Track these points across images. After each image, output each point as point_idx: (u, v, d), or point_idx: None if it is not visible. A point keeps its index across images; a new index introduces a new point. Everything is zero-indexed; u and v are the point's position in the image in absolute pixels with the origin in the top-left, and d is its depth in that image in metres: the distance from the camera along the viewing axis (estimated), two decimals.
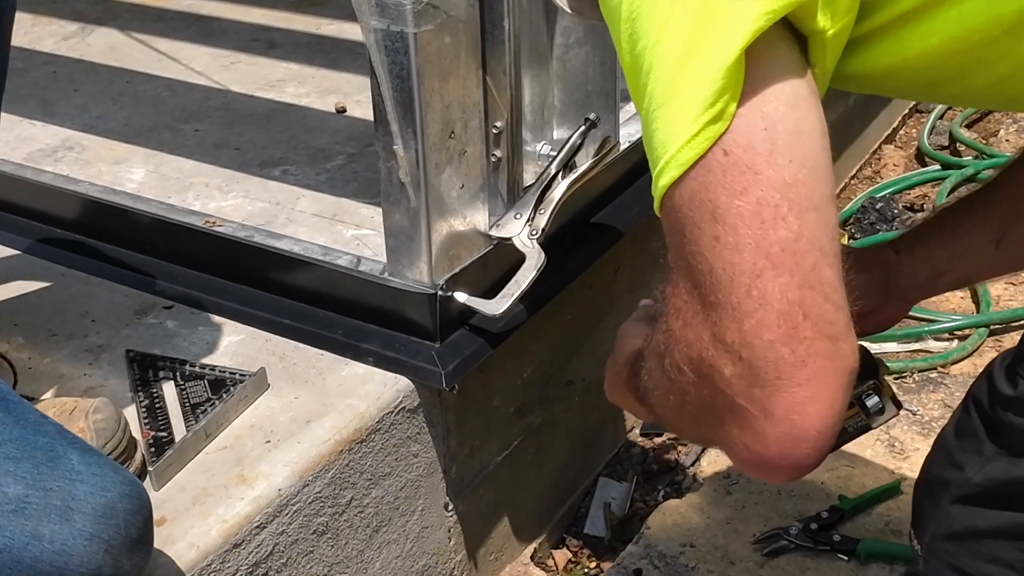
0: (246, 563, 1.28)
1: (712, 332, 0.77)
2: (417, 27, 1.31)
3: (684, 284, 0.80)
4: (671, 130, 0.77)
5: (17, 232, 1.82)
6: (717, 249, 0.76)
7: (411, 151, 1.38)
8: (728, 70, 0.75)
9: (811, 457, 0.78)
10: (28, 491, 0.97)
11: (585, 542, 1.88)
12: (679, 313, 0.81)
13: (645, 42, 0.79)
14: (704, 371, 0.79)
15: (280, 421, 1.41)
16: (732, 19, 0.75)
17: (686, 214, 0.78)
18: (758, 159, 0.75)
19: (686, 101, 0.76)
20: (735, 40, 0.74)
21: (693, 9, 0.77)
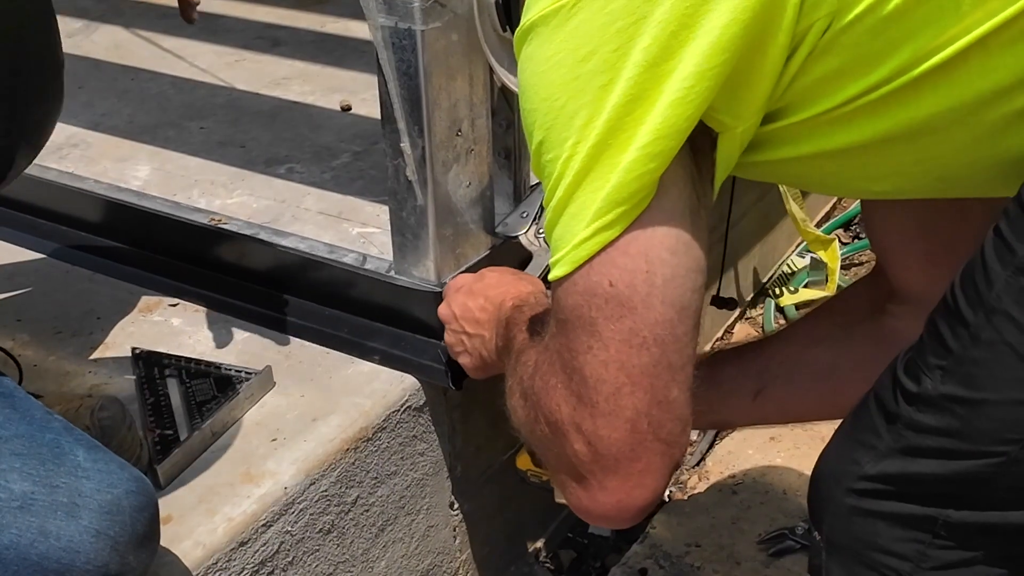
0: (252, 561, 1.28)
1: (570, 413, 0.92)
2: (425, 24, 1.30)
3: (556, 362, 0.93)
4: (569, 229, 0.87)
5: (22, 229, 1.82)
6: (588, 356, 0.89)
7: (418, 149, 1.37)
8: (625, 185, 0.84)
9: (628, 522, 0.95)
10: (34, 488, 0.96)
11: (590, 541, 1.88)
12: (545, 379, 0.95)
13: (556, 152, 0.87)
14: (557, 436, 0.94)
15: (286, 419, 1.40)
16: (632, 142, 0.84)
17: (568, 315, 0.90)
18: (636, 298, 0.87)
19: (586, 209, 0.86)
20: (634, 161, 0.84)
21: (605, 131, 0.85)
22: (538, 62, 0.88)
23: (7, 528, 0.95)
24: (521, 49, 0.90)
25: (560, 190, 0.88)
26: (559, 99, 0.86)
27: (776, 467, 1.85)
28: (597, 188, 0.86)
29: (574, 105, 0.86)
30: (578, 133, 0.86)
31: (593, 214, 0.86)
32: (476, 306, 1.30)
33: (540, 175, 0.91)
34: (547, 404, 0.94)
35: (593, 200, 0.86)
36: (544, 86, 0.87)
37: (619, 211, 0.86)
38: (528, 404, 0.99)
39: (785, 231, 2.47)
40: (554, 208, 0.89)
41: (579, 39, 0.85)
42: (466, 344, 1.34)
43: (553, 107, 0.87)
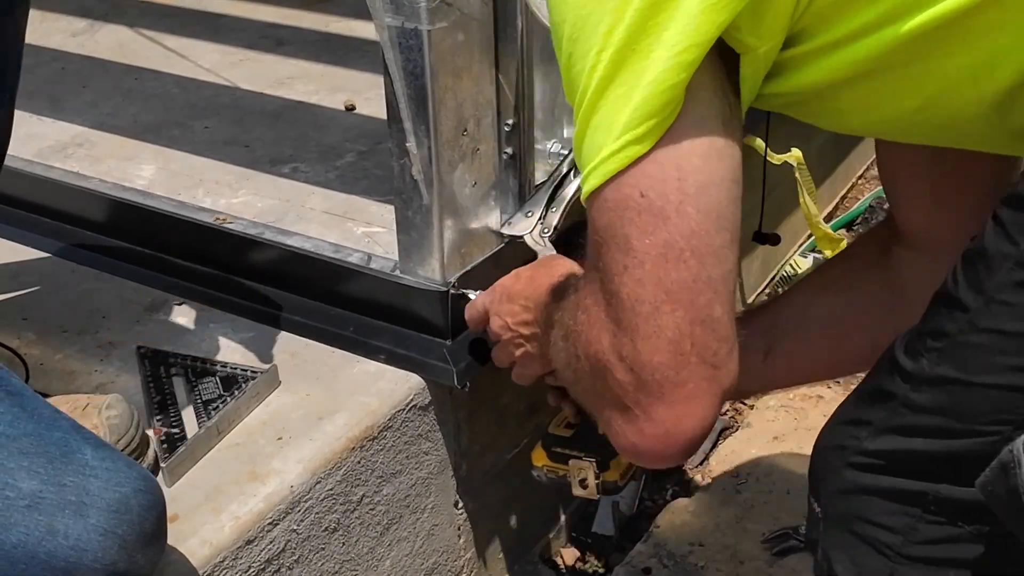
0: (258, 560, 1.28)
1: (611, 341, 0.89)
2: (431, 24, 1.31)
3: (597, 289, 0.90)
4: (596, 141, 0.86)
5: (27, 229, 1.82)
6: (624, 277, 0.87)
7: (424, 148, 1.38)
8: (656, 96, 0.83)
9: (679, 456, 0.92)
10: (42, 486, 0.97)
11: (594, 541, 1.88)
12: (587, 310, 0.92)
13: (582, 64, 0.86)
14: (599, 368, 0.91)
15: (292, 418, 1.41)
16: (661, 51, 0.82)
17: (602, 234, 0.88)
18: (668, 207, 0.85)
19: (614, 119, 0.84)
20: (663, 72, 0.82)
21: (627, 37, 0.83)
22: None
23: (15, 526, 0.95)
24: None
25: (586, 101, 0.86)
26: (584, 8, 0.85)
27: (779, 466, 1.85)
28: (622, 97, 0.84)
29: (598, 13, 0.84)
30: (602, 40, 0.84)
31: (623, 126, 0.84)
32: (521, 308, 1.27)
33: (571, 92, 0.89)
34: (587, 337, 0.91)
35: (620, 111, 0.84)
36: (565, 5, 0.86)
37: (650, 124, 0.83)
38: (569, 344, 0.96)
39: (789, 232, 2.48)
40: (581, 120, 0.87)
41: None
42: (528, 347, 1.28)
43: (579, 16, 0.85)
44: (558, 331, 1.03)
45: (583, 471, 1.34)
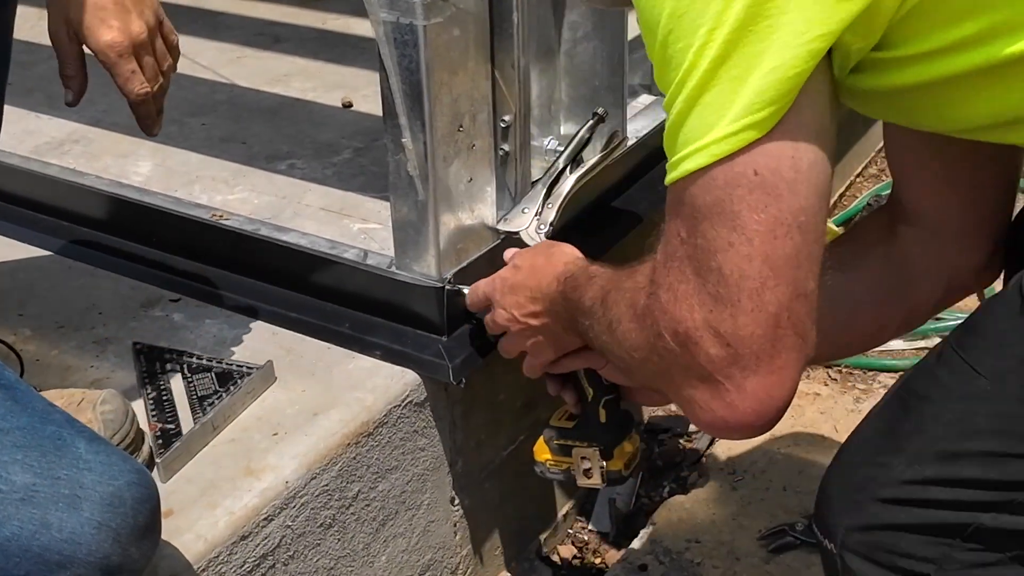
0: (253, 555, 1.28)
1: (706, 317, 0.89)
2: (427, 20, 1.31)
3: (686, 267, 0.90)
4: (706, 120, 0.85)
5: (24, 225, 1.82)
6: (729, 253, 0.86)
7: (419, 144, 1.38)
8: (782, 83, 0.83)
9: (767, 426, 0.93)
10: (36, 479, 0.97)
11: (590, 538, 1.88)
12: (672, 288, 0.91)
13: (688, 41, 0.84)
14: (688, 344, 0.90)
15: (287, 414, 1.41)
16: (786, 36, 0.82)
17: (704, 212, 0.87)
18: (782, 184, 0.85)
19: (727, 99, 0.84)
20: (793, 59, 0.82)
21: (744, 18, 0.82)
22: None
23: (9, 520, 0.95)
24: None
25: (693, 79, 0.84)
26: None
27: (776, 463, 1.85)
28: (737, 79, 0.83)
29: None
30: (713, 20, 0.83)
31: (742, 109, 0.83)
32: (527, 299, 1.27)
33: (665, 69, 0.87)
34: (675, 314, 0.90)
35: (736, 93, 0.83)
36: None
37: (772, 109, 0.83)
38: (645, 324, 0.95)
39: None
40: (686, 99, 0.85)
41: None
42: (539, 338, 1.29)
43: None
44: (619, 315, 1.02)
45: (588, 460, 1.34)
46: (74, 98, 1.22)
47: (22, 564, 0.94)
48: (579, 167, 1.55)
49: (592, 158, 1.57)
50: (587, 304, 1.12)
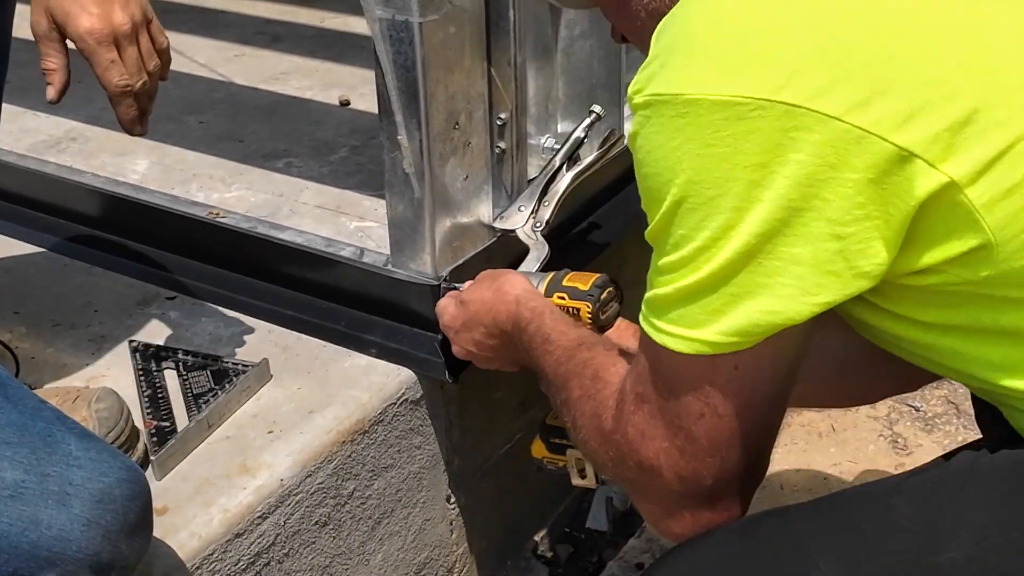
0: (248, 553, 1.28)
1: (672, 463, 0.96)
2: (422, 17, 1.30)
3: (657, 416, 0.96)
4: (695, 317, 0.89)
5: (20, 223, 1.82)
6: (701, 422, 0.93)
7: (415, 141, 1.37)
8: (776, 325, 0.87)
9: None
10: (25, 476, 0.96)
11: (587, 536, 1.88)
12: (641, 430, 0.97)
13: (699, 222, 0.86)
14: (651, 475, 0.97)
15: (283, 412, 1.40)
16: (791, 285, 0.86)
17: (681, 383, 0.93)
18: (759, 378, 0.92)
19: (720, 311, 0.88)
20: (796, 312, 0.86)
21: (759, 243, 0.85)
22: (685, 139, 0.86)
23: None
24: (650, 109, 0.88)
25: (693, 274, 0.88)
26: (712, 170, 0.85)
27: (774, 462, 1.84)
28: (736, 299, 0.87)
29: (730, 185, 0.84)
30: (731, 217, 0.85)
31: (733, 329, 0.88)
32: (482, 335, 1.31)
33: (667, 228, 0.90)
34: (642, 452, 0.97)
35: (731, 310, 0.87)
36: (685, 160, 0.86)
37: (766, 334, 0.88)
38: (609, 445, 1.01)
39: None
40: (682, 287, 0.89)
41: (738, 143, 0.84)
42: (501, 362, 1.34)
43: (705, 171, 0.85)
44: (583, 419, 1.07)
45: (582, 460, 1.34)
46: (56, 94, 1.15)
47: (11, 561, 0.94)
48: (576, 165, 1.54)
49: (589, 156, 1.56)
50: (544, 372, 1.18)
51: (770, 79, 0.82)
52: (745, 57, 0.84)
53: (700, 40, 0.87)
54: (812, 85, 0.82)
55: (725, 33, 0.86)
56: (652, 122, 0.87)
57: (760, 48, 0.84)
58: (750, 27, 0.85)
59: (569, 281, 1.32)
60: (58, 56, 1.14)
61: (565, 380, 1.12)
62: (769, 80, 0.82)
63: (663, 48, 0.89)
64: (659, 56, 0.89)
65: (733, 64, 0.84)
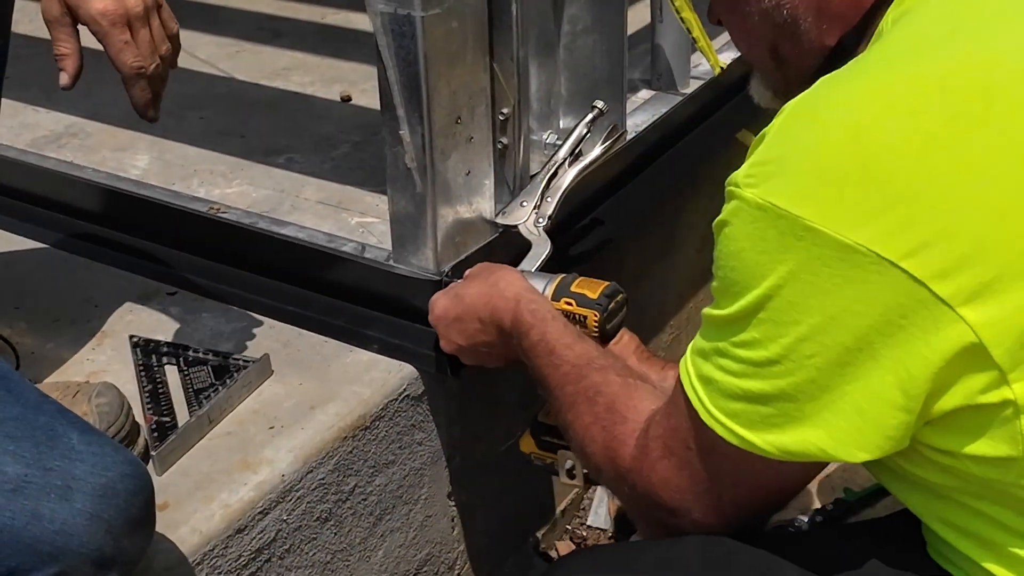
0: (249, 548, 1.27)
1: (690, 509, 0.98)
2: (424, 11, 1.30)
3: (684, 470, 0.97)
4: (751, 420, 0.90)
5: (21, 218, 1.81)
6: (733, 490, 0.96)
7: (417, 136, 1.37)
8: (822, 457, 0.88)
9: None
10: (28, 470, 0.96)
11: (588, 533, 1.88)
12: (665, 479, 0.99)
13: (770, 345, 0.87)
14: (665, 513, 1.00)
15: (284, 407, 1.40)
16: (855, 445, 0.87)
17: (717, 456, 0.94)
18: (801, 470, 0.94)
19: (780, 428, 0.88)
20: (840, 454, 0.87)
21: (825, 378, 0.86)
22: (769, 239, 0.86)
23: (0, 511, 0.94)
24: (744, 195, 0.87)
25: (758, 384, 0.88)
26: (799, 306, 0.85)
27: None
28: (799, 422, 0.87)
29: (816, 332, 0.85)
30: (804, 357, 0.86)
31: (787, 449, 0.88)
32: (475, 329, 1.30)
33: (728, 325, 0.90)
34: (663, 496, 0.99)
35: (794, 433, 0.88)
36: (783, 273, 0.85)
37: (815, 459, 0.89)
38: (625, 482, 1.03)
39: None
40: (749, 391, 0.89)
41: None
42: (490, 357, 1.33)
43: (789, 305, 0.85)
44: (564, 417, 1.12)
45: (571, 461, 1.34)
46: (69, 79, 1.14)
47: (13, 555, 0.93)
48: (578, 161, 1.54)
49: (591, 152, 1.56)
50: (547, 383, 1.17)
51: (899, 241, 0.81)
52: (879, 205, 0.82)
53: (833, 168, 0.84)
54: (937, 263, 0.81)
55: (864, 172, 0.83)
56: (758, 226, 0.86)
57: (897, 201, 0.82)
58: (891, 173, 0.82)
59: (577, 287, 1.31)
60: (70, 41, 1.13)
61: (572, 401, 1.12)
62: (898, 242, 0.81)
63: (788, 151, 0.86)
64: (782, 158, 0.86)
65: (864, 209, 0.82)
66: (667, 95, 2.00)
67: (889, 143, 0.83)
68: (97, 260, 1.72)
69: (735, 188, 0.88)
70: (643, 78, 2.03)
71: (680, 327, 2.13)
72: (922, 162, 0.82)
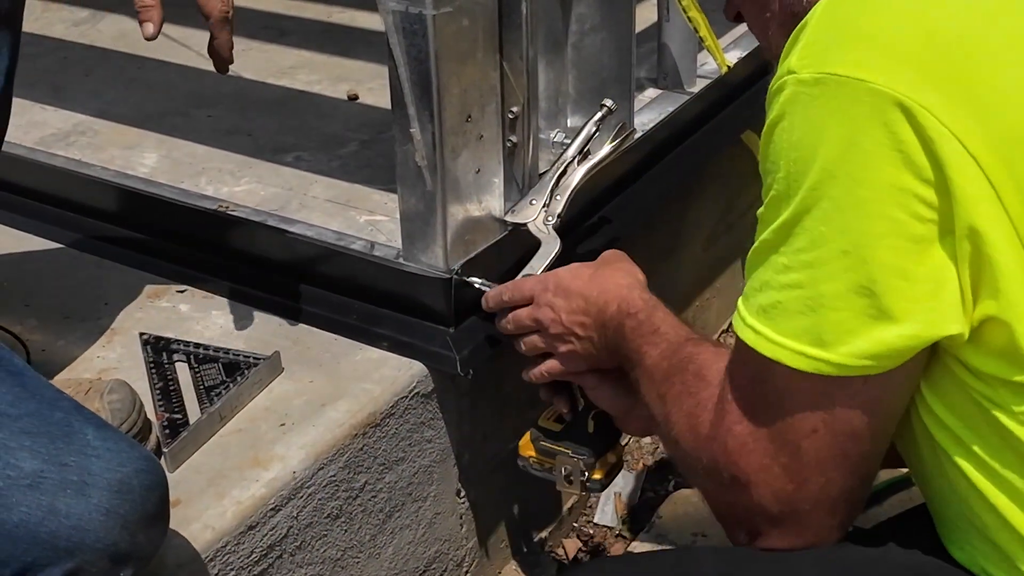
0: (261, 545, 1.28)
1: (770, 480, 0.92)
2: (435, 9, 1.30)
3: (764, 433, 0.92)
4: (824, 336, 0.85)
5: (30, 216, 1.82)
6: (812, 439, 0.90)
7: (428, 134, 1.37)
8: (906, 350, 0.85)
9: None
10: (44, 466, 0.96)
11: (595, 531, 1.88)
12: (742, 441, 0.93)
13: (815, 240, 0.85)
14: (744, 491, 0.94)
15: (294, 404, 1.40)
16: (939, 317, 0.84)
17: (797, 400, 0.89)
18: (878, 406, 0.89)
19: (852, 330, 0.85)
20: (953, 323, 0.84)
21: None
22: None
23: (17, 506, 0.95)
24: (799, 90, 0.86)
25: (825, 284, 0.85)
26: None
27: None
28: (869, 318, 0.84)
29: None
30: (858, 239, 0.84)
31: (867, 351, 0.85)
32: (579, 307, 1.24)
33: (801, 219, 0.87)
34: (740, 464, 0.94)
35: (864, 331, 0.84)
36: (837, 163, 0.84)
37: (904, 358, 0.86)
38: (702, 449, 0.98)
39: None
40: (808, 297, 0.86)
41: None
42: (575, 346, 1.26)
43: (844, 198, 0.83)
44: (654, 396, 1.07)
45: (569, 468, 1.34)
46: (154, 30, 1.22)
47: (30, 550, 0.94)
48: (587, 159, 1.54)
49: (599, 150, 1.56)
50: (645, 362, 1.12)
51: (961, 111, 0.81)
52: (946, 73, 0.82)
53: (897, 37, 0.85)
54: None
55: (928, 39, 0.84)
56: (819, 102, 0.84)
57: (962, 71, 0.83)
58: (955, 40, 0.85)
59: None
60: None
61: (667, 374, 1.07)
62: (960, 112, 0.81)
63: (842, 25, 0.86)
64: (837, 32, 0.86)
65: (931, 75, 0.83)
66: (674, 94, 2.00)
67: (953, 10, 0.84)
68: (107, 258, 1.72)
69: (788, 77, 0.86)
70: (649, 77, 2.03)
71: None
72: (986, 31, 0.83)
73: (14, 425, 0.97)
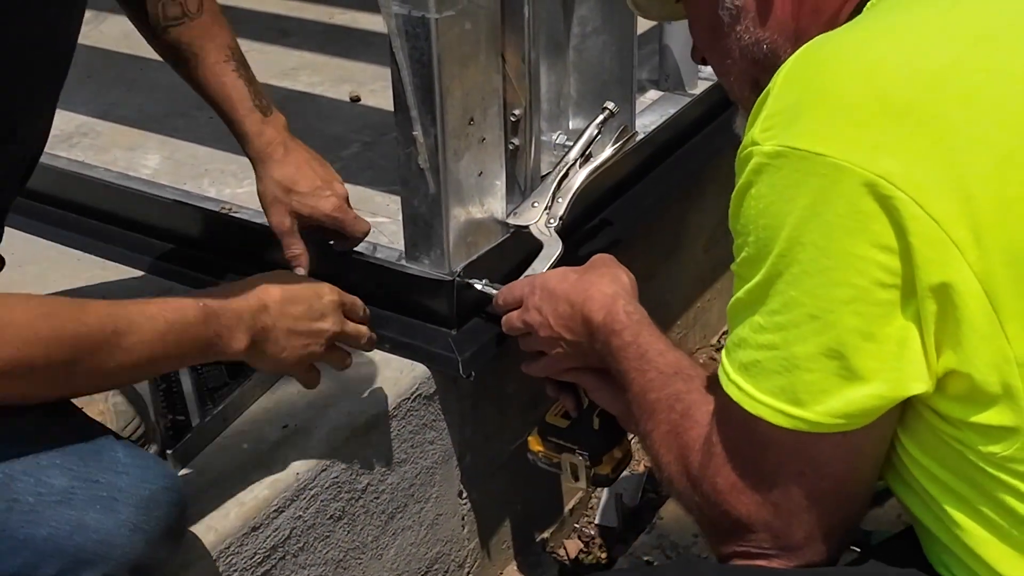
0: (264, 547, 1.28)
1: (764, 518, 0.95)
2: (438, 13, 1.31)
3: (749, 468, 0.95)
4: (798, 396, 0.88)
5: (33, 217, 1.82)
6: (799, 480, 0.93)
7: (430, 137, 1.38)
8: (879, 409, 0.87)
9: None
10: (74, 483, 0.99)
11: (597, 532, 1.88)
12: (732, 481, 0.96)
13: (789, 303, 0.87)
14: (738, 526, 0.96)
15: (298, 406, 1.41)
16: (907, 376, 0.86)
17: (782, 449, 0.92)
18: (868, 443, 0.92)
19: (824, 390, 0.87)
20: (918, 382, 0.86)
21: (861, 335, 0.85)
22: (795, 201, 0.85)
23: (46, 521, 0.97)
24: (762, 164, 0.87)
25: (797, 345, 0.87)
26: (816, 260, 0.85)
27: None
28: (841, 379, 0.86)
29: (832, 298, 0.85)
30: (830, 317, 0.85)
31: (839, 411, 0.87)
32: (566, 312, 1.24)
33: (772, 284, 0.89)
34: (732, 503, 0.96)
35: (837, 391, 0.87)
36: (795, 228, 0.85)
37: (877, 416, 0.88)
38: (696, 491, 1.00)
39: None
40: (784, 359, 0.88)
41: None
42: (564, 349, 1.26)
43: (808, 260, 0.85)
44: (642, 425, 1.09)
45: (575, 464, 1.35)
46: (306, 271, 1.43)
47: (55, 563, 0.96)
48: (589, 161, 1.55)
49: (601, 152, 1.57)
50: (633, 389, 1.13)
51: (917, 176, 0.82)
52: (899, 137, 0.83)
53: (851, 106, 0.85)
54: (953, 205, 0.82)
55: (881, 106, 0.85)
56: (783, 173, 0.86)
57: (916, 132, 0.84)
58: (908, 104, 0.85)
59: None
60: (300, 242, 1.43)
61: (653, 409, 1.08)
62: (916, 177, 0.82)
63: (801, 97, 0.87)
64: (796, 105, 0.87)
65: (885, 141, 0.84)
66: (675, 96, 2.01)
67: (903, 77, 0.85)
68: (109, 259, 1.72)
69: (752, 148, 0.88)
70: (651, 79, 2.04)
71: (687, 326, 2.14)
72: (936, 94, 0.84)
73: (45, 444, 0.99)
